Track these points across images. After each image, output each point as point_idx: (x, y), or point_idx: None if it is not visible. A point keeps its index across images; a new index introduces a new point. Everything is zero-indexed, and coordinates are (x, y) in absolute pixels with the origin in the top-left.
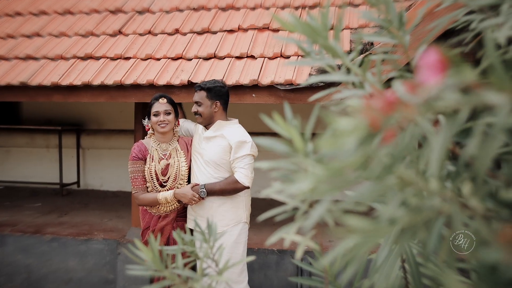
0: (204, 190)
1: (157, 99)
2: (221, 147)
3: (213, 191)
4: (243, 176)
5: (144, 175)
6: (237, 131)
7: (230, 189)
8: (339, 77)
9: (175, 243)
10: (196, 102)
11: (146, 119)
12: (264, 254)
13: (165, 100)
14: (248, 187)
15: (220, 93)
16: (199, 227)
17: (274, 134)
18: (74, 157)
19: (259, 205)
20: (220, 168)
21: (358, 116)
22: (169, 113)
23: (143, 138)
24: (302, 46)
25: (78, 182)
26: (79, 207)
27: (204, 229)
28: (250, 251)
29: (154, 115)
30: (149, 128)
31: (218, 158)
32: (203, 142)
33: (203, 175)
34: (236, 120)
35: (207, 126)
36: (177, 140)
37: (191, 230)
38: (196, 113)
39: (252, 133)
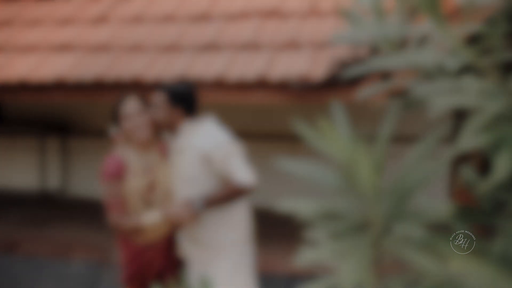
0: (200, 201)
1: (125, 99)
2: (191, 158)
3: (212, 202)
4: (243, 176)
5: (125, 197)
6: (208, 134)
7: (234, 196)
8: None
9: (166, 276)
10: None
11: (114, 127)
12: (273, 281)
13: (135, 99)
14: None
15: (184, 98)
16: None
17: (288, 137)
18: (59, 161)
19: (268, 219)
20: (196, 183)
21: None
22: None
23: None
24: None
25: (63, 189)
26: (61, 218)
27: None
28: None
29: (126, 118)
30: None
31: (192, 172)
32: (176, 153)
33: (182, 196)
34: (210, 119)
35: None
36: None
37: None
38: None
39: (256, 136)
